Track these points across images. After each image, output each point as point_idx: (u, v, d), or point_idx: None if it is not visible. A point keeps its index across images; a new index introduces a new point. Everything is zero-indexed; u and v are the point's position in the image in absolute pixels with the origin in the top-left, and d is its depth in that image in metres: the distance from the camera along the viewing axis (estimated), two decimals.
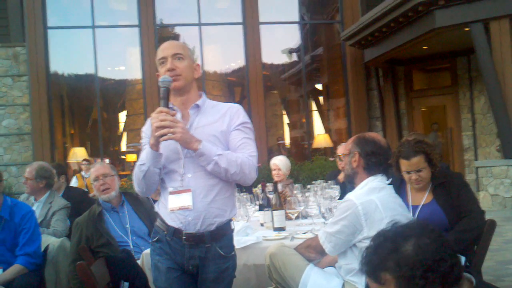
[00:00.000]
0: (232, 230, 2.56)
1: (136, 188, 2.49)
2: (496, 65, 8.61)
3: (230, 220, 2.51)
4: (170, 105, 2.38)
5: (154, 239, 2.50)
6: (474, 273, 2.27)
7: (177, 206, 2.37)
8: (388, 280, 1.40)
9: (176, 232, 2.40)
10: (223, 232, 2.45)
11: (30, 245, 3.62)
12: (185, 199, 2.36)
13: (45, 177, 4.67)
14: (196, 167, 2.39)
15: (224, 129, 2.44)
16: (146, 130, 2.52)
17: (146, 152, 2.38)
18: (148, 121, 2.51)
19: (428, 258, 1.36)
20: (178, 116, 2.43)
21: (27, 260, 3.57)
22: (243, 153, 2.41)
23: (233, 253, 2.53)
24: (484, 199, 8.88)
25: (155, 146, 2.32)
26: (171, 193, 2.40)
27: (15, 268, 3.51)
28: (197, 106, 2.49)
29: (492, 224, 3.26)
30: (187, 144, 2.29)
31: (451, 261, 1.38)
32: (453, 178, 3.60)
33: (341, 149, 5.21)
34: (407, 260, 1.37)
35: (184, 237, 2.38)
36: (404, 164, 3.41)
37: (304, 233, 3.55)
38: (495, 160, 9.45)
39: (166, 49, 2.47)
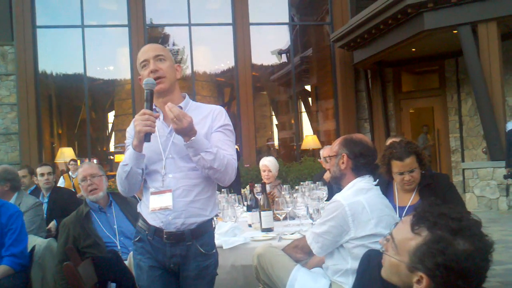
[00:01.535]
0: (213, 228, 2.58)
1: (119, 187, 2.51)
2: (483, 67, 8.69)
3: (211, 219, 2.53)
4: (154, 107, 2.40)
5: (136, 239, 2.53)
6: None
7: (158, 206, 2.40)
8: (420, 236, 1.39)
9: (157, 231, 2.43)
10: (204, 230, 2.47)
11: (16, 246, 3.58)
12: (165, 199, 2.39)
13: (9, 180, 4.57)
14: (177, 168, 2.42)
15: (205, 131, 2.46)
16: (130, 131, 2.54)
17: (129, 152, 2.40)
18: (132, 122, 2.53)
19: (458, 264, 1.34)
20: (161, 117, 2.46)
21: (13, 261, 3.54)
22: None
23: (214, 250, 2.55)
24: (470, 201, 8.95)
25: (138, 147, 2.34)
26: (152, 193, 2.43)
27: (1, 269, 3.49)
28: (180, 107, 2.51)
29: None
30: (181, 135, 2.30)
31: (467, 285, 1.36)
32: (440, 179, 3.64)
33: (325, 152, 5.22)
34: (448, 246, 1.35)
35: (165, 236, 2.41)
36: (397, 165, 3.44)
37: (292, 233, 3.57)
38: (481, 162, 9.53)
39: (147, 51, 2.49)
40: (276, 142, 14.86)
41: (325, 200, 4.05)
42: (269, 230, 3.73)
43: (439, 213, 1.42)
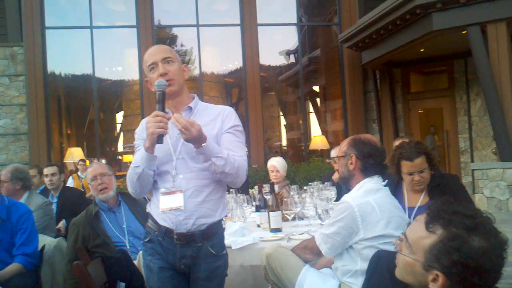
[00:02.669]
0: (223, 229, 2.58)
1: (130, 189, 2.50)
2: (492, 68, 8.64)
3: (221, 219, 2.53)
4: (166, 109, 2.40)
5: (146, 240, 2.52)
6: None
7: (168, 207, 2.39)
8: (435, 234, 1.39)
9: (167, 232, 2.42)
10: (214, 231, 2.47)
11: (28, 246, 3.61)
12: (176, 200, 2.39)
13: (21, 179, 4.59)
14: (188, 168, 2.42)
15: (216, 132, 2.46)
16: (140, 132, 2.54)
17: (140, 154, 2.39)
18: (142, 123, 2.53)
19: (474, 261, 1.34)
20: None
21: (26, 260, 3.57)
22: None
23: (224, 252, 2.55)
24: (480, 202, 8.90)
25: (150, 148, 2.33)
26: (163, 193, 2.42)
27: (14, 267, 3.51)
28: (190, 108, 2.51)
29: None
30: (191, 143, 2.30)
31: (483, 282, 1.36)
32: (449, 180, 3.62)
33: (335, 153, 5.22)
34: (463, 245, 1.34)
35: (175, 237, 2.41)
36: (406, 165, 3.42)
37: (301, 234, 3.57)
38: (491, 163, 9.47)
39: (154, 54, 2.49)
40: (284, 143, 14.85)
41: (334, 201, 4.05)
42: (278, 230, 3.73)
43: (453, 211, 1.42)
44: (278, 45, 13.61)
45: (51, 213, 4.72)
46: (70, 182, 9.30)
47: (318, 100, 14.66)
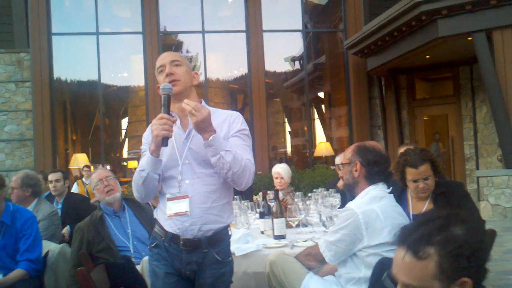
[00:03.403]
0: (229, 236, 2.57)
1: (135, 193, 2.50)
2: (498, 74, 8.62)
3: (227, 226, 2.52)
4: (171, 113, 2.40)
5: (152, 245, 2.52)
6: None
7: (174, 212, 2.39)
8: (431, 255, 1.34)
9: (173, 237, 2.42)
10: (220, 238, 2.47)
11: (32, 252, 3.61)
12: (182, 205, 2.38)
13: (31, 185, 4.55)
14: (194, 174, 2.42)
15: (223, 136, 2.45)
16: (147, 136, 2.54)
17: (146, 158, 2.39)
18: (149, 127, 2.53)
19: (476, 242, 1.34)
20: (178, 122, 2.45)
21: (30, 266, 3.57)
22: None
23: (230, 258, 2.54)
24: (484, 209, 8.85)
25: (155, 152, 2.33)
26: (168, 199, 2.42)
27: (17, 273, 3.51)
28: None
29: (492, 234, 3.25)
30: (201, 131, 2.29)
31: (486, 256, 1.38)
32: (454, 187, 3.61)
33: (339, 160, 5.21)
34: (456, 238, 1.33)
35: (181, 243, 2.41)
36: (411, 172, 3.41)
37: (305, 241, 3.55)
38: (496, 170, 9.43)
39: (163, 58, 2.52)
40: (289, 149, 14.83)
41: (338, 208, 4.04)
42: (281, 237, 3.72)
43: (418, 225, 1.40)
44: (283, 51, 13.62)
45: (57, 223, 4.69)
46: (75, 188, 9.32)
47: (323, 106, 14.65)
